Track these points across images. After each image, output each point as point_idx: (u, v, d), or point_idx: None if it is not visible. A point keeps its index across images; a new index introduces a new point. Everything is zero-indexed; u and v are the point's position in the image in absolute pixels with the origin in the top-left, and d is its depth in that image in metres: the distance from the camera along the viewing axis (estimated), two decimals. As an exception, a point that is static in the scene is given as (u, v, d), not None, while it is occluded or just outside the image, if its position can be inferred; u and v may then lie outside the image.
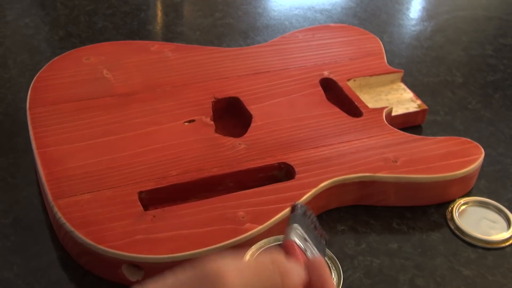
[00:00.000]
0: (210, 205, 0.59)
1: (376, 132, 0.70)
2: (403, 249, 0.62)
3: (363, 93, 0.78)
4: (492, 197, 0.68)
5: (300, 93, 0.75)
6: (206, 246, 0.55)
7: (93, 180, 0.61)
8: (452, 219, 0.65)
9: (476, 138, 0.72)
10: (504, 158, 0.74)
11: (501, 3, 1.11)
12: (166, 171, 0.63)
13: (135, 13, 0.98)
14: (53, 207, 0.58)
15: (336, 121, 0.71)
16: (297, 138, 0.68)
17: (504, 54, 0.95)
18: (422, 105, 0.77)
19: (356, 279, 0.59)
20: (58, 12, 0.97)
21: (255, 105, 0.72)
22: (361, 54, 0.83)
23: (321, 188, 0.62)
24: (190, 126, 0.69)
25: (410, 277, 0.60)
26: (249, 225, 0.57)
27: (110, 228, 0.56)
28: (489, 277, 0.60)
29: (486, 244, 0.63)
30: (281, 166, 0.65)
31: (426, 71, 0.89)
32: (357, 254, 0.61)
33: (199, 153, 0.65)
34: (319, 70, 0.79)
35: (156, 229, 0.57)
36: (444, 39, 0.97)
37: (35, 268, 0.58)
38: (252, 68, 0.78)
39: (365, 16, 1.02)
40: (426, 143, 0.68)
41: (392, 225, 0.65)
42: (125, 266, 0.56)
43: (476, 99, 0.84)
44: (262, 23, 0.99)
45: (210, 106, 0.72)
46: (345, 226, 0.64)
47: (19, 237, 0.61)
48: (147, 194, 0.61)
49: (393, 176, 0.64)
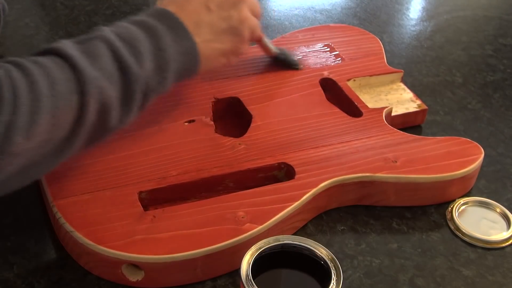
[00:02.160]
0: (210, 205, 0.59)
1: (376, 132, 0.70)
2: (403, 249, 0.62)
3: (363, 93, 0.78)
4: (492, 197, 0.68)
5: (300, 93, 0.75)
6: (206, 246, 0.55)
7: (93, 180, 0.61)
8: (452, 219, 0.65)
9: (476, 138, 0.72)
10: (504, 158, 0.74)
11: (501, 3, 1.11)
12: (166, 171, 0.63)
13: (135, 13, 0.97)
14: (53, 207, 0.58)
15: (336, 121, 0.71)
16: (297, 138, 0.68)
17: (504, 54, 0.95)
18: (422, 105, 0.77)
19: (356, 279, 0.59)
20: (58, 12, 0.97)
21: (255, 105, 0.72)
22: (361, 54, 0.83)
23: (321, 188, 0.62)
24: (190, 126, 0.69)
25: (410, 277, 0.60)
26: (249, 225, 0.57)
27: (110, 228, 0.56)
28: (489, 277, 0.60)
29: (486, 244, 0.63)
30: (281, 166, 0.65)
31: (426, 71, 0.89)
32: (357, 254, 0.61)
33: (199, 153, 0.65)
34: (319, 70, 0.79)
35: (156, 229, 0.57)
36: (444, 39, 0.97)
37: (35, 268, 0.58)
38: (252, 68, 0.78)
39: (365, 16, 1.02)
40: (426, 143, 0.68)
41: (392, 225, 0.65)
42: (125, 266, 0.56)
43: (476, 99, 0.84)
44: (262, 23, 0.98)
45: (210, 106, 0.72)
46: (345, 226, 0.64)
47: (19, 237, 0.61)
48: (147, 194, 0.61)
49: (393, 176, 0.64)
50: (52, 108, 0.48)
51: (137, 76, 0.54)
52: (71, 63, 0.51)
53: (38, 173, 0.53)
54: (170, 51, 0.57)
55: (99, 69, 0.52)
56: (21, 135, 0.46)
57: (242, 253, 0.50)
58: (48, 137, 0.49)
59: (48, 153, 0.50)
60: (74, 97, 0.50)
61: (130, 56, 0.54)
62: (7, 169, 0.48)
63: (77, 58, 0.51)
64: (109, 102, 0.52)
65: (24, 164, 0.49)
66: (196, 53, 0.59)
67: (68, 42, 0.54)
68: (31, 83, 0.48)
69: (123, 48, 0.54)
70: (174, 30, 0.57)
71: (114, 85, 0.53)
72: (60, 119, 0.49)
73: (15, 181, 0.51)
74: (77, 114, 0.50)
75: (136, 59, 0.54)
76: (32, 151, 0.48)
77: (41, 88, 0.48)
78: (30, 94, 0.47)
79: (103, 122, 0.53)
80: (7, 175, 0.48)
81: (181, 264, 0.55)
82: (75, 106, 0.50)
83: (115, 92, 0.53)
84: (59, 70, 0.50)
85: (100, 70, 0.52)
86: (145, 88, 0.55)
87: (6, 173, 0.48)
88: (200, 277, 0.58)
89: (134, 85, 0.54)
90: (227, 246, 0.56)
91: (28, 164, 0.49)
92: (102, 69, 0.52)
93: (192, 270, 0.57)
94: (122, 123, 0.55)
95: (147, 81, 0.55)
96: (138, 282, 0.56)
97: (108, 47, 0.54)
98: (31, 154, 0.48)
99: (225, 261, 0.57)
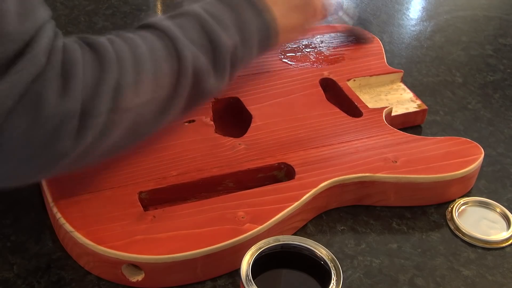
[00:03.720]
0: (210, 205, 0.59)
1: (376, 132, 0.70)
2: (403, 249, 0.62)
3: (363, 93, 0.78)
4: (492, 197, 0.68)
5: (300, 93, 0.75)
6: (206, 246, 0.55)
7: (93, 180, 0.61)
8: (452, 219, 0.65)
9: (476, 138, 0.72)
10: (503, 158, 0.74)
11: (501, 3, 1.11)
12: (166, 171, 0.63)
13: (135, 13, 0.98)
14: (53, 207, 0.58)
15: (336, 121, 0.71)
16: (297, 138, 0.68)
17: (504, 54, 0.95)
18: (422, 105, 0.77)
19: (356, 279, 0.59)
20: (58, 12, 0.97)
21: (255, 105, 0.72)
22: (361, 54, 0.83)
23: (321, 188, 0.62)
24: (190, 126, 0.69)
25: (410, 277, 0.60)
26: (249, 225, 0.57)
27: (110, 228, 0.56)
28: (488, 277, 0.60)
29: (485, 244, 0.63)
30: (281, 166, 0.65)
31: (426, 71, 0.89)
32: (357, 254, 0.61)
33: (199, 153, 0.65)
34: (319, 70, 0.79)
35: (156, 229, 0.57)
36: (444, 39, 0.97)
37: (35, 268, 0.58)
38: (252, 68, 0.78)
39: (365, 16, 1.02)
40: (426, 143, 0.68)
41: (392, 225, 0.65)
42: (125, 266, 0.56)
43: (476, 99, 0.84)
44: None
45: (210, 106, 0.72)
46: (345, 226, 0.64)
47: (19, 237, 0.61)
48: (147, 194, 0.61)
49: (393, 176, 0.64)
50: (154, 69, 0.53)
51: (226, 47, 0.59)
52: (167, 34, 0.56)
53: (146, 131, 0.57)
54: (252, 24, 0.62)
55: (191, 39, 0.57)
56: (129, 91, 0.51)
57: (242, 253, 0.50)
58: (152, 96, 0.54)
59: (154, 111, 0.55)
60: (172, 61, 0.55)
61: (218, 28, 0.59)
62: (120, 124, 0.52)
63: (172, 30, 0.56)
64: (203, 68, 0.57)
65: (134, 120, 0.53)
66: (275, 27, 0.63)
67: (161, 17, 0.59)
68: (133, 47, 0.53)
69: (211, 21, 0.59)
70: (254, 5, 0.62)
71: (205, 54, 0.58)
72: (161, 80, 0.54)
73: (126, 139, 0.54)
74: (176, 76, 0.55)
75: (223, 31, 0.59)
76: (141, 108, 0.53)
77: (142, 52, 0.53)
78: (132, 56, 0.52)
79: (198, 86, 0.57)
80: (121, 131, 0.52)
81: (181, 264, 0.55)
82: (174, 69, 0.55)
83: (207, 60, 0.58)
84: (157, 39, 0.55)
85: (193, 41, 0.57)
86: (233, 58, 0.60)
87: (120, 129, 0.52)
88: (200, 277, 0.58)
89: (223, 55, 0.59)
90: (227, 246, 0.56)
91: (138, 121, 0.53)
92: (194, 40, 0.57)
93: (192, 270, 0.57)
94: (215, 90, 0.60)
95: (235, 51, 0.60)
96: (138, 282, 0.56)
97: (197, 20, 0.59)
98: (140, 111, 0.53)
99: (225, 261, 0.57)
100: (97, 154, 0.52)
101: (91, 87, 0.49)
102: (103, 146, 0.52)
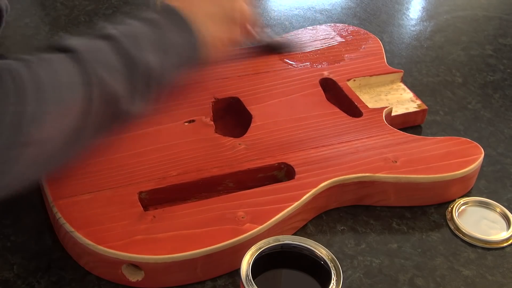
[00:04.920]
0: (210, 205, 0.59)
1: (376, 132, 0.70)
2: (403, 249, 0.62)
3: (363, 93, 0.78)
4: (492, 197, 0.68)
5: (300, 93, 0.75)
6: (206, 246, 0.55)
7: (93, 180, 0.61)
8: (452, 219, 0.65)
9: (476, 138, 0.72)
10: (503, 158, 0.74)
11: (501, 3, 1.11)
12: (166, 171, 0.63)
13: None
14: (53, 207, 0.58)
15: (336, 121, 0.71)
16: (297, 138, 0.68)
17: (504, 54, 0.95)
18: (422, 105, 0.77)
19: (356, 279, 0.59)
20: (58, 12, 0.97)
21: (255, 105, 0.72)
22: (361, 54, 0.83)
23: (321, 188, 0.62)
24: (190, 126, 0.69)
25: (410, 277, 0.60)
26: (249, 225, 0.57)
27: (110, 228, 0.56)
28: (488, 277, 0.60)
29: (485, 244, 0.63)
30: (281, 166, 0.65)
31: (426, 71, 0.89)
32: (357, 254, 0.61)
33: (199, 153, 0.65)
34: (319, 70, 0.79)
35: (156, 229, 0.57)
36: (444, 39, 0.97)
37: (35, 268, 0.58)
38: (252, 68, 0.78)
39: (365, 16, 1.02)
40: (426, 143, 0.68)
41: (392, 225, 0.65)
42: (125, 266, 0.56)
43: (476, 99, 0.84)
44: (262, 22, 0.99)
45: (210, 106, 0.72)
46: (345, 226, 0.64)
47: (19, 237, 0.61)
48: (147, 194, 0.61)
49: (393, 176, 0.64)
50: (58, 98, 0.49)
51: (142, 69, 0.55)
52: (73, 56, 0.51)
53: (52, 164, 0.54)
54: (175, 41, 0.59)
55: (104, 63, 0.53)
56: (31, 125, 0.47)
57: (242, 253, 0.50)
58: (58, 127, 0.49)
59: (60, 143, 0.50)
60: (78, 88, 0.51)
61: (134, 51, 0.55)
62: (20, 160, 0.48)
63: (83, 53, 0.52)
64: (117, 93, 0.53)
65: (37, 155, 0.49)
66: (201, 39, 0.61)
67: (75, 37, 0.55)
68: (33, 74, 0.48)
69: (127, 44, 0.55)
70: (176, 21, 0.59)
71: (119, 78, 0.54)
72: (68, 109, 0.50)
73: (30, 173, 0.51)
74: (84, 104, 0.51)
75: (140, 52, 0.56)
76: (44, 142, 0.49)
77: (43, 78, 0.48)
78: (33, 84, 0.47)
79: (113, 111, 0.54)
80: (21, 167, 0.48)
81: (181, 264, 0.55)
82: (81, 96, 0.51)
83: (122, 84, 0.54)
84: (62, 62, 0.51)
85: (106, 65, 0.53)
86: (154, 78, 0.57)
87: (20, 164, 0.48)
88: (200, 277, 0.58)
89: (141, 77, 0.55)
90: (227, 246, 0.56)
91: (42, 155, 0.49)
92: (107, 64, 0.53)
93: (192, 270, 0.57)
94: (136, 112, 0.56)
95: (156, 71, 0.57)
96: (138, 282, 0.56)
97: (112, 43, 0.55)
98: (43, 145, 0.49)
99: (225, 261, 0.57)
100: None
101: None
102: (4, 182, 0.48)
